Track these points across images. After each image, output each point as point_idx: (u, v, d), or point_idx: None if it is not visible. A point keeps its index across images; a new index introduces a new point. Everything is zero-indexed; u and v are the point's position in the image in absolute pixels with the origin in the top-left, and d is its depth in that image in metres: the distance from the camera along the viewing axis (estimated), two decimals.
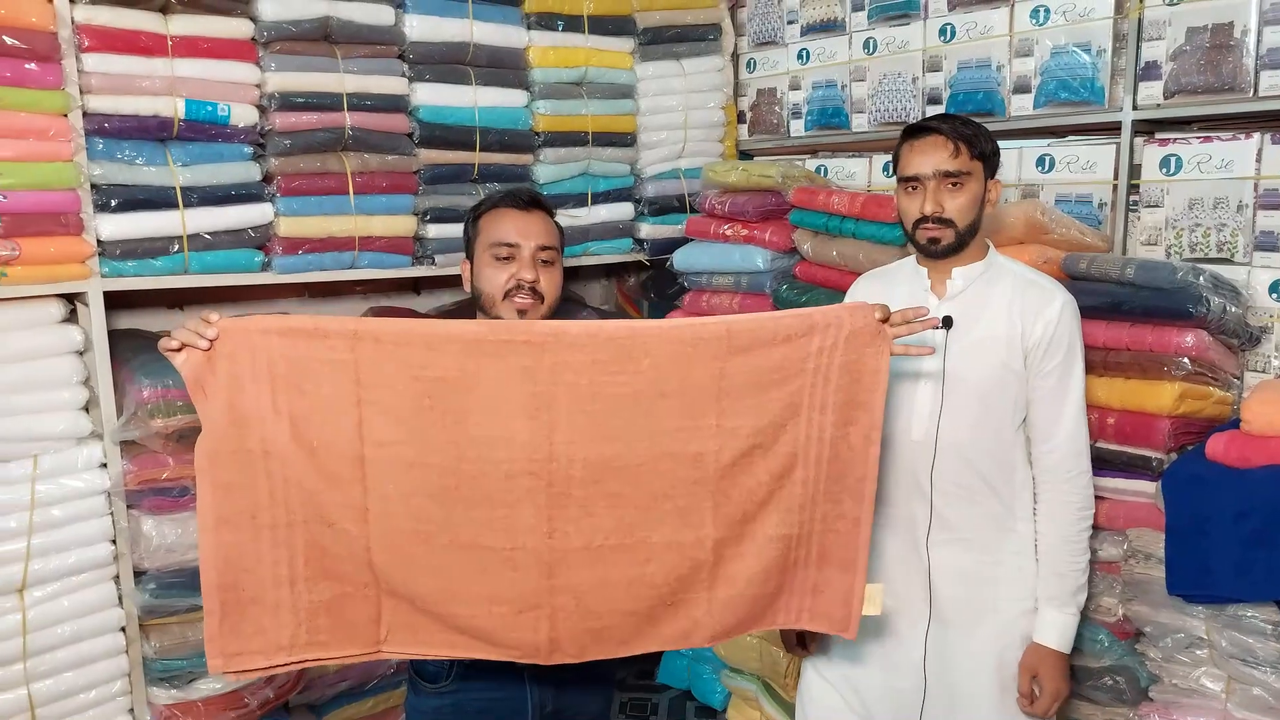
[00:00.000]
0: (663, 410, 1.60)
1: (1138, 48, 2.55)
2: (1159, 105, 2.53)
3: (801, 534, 1.71)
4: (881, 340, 1.66)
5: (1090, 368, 2.29)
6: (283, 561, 1.59)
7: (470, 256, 1.92)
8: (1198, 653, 2.11)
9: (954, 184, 1.98)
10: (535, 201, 1.89)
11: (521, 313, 1.80)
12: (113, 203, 2.45)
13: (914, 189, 2.03)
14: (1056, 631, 2.03)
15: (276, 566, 1.59)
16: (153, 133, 2.50)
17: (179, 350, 1.53)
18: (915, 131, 2.04)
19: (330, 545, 1.60)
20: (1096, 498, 2.12)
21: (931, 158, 1.99)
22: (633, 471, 1.61)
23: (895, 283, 2.14)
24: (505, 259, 1.83)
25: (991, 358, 2.01)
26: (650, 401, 1.60)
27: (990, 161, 2.04)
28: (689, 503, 1.64)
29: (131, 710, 2.61)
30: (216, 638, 1.59)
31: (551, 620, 1.64)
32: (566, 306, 3.48)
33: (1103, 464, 2.28)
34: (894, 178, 2.14)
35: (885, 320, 1.67)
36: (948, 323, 1.98)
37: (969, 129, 2.00)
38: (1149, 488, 2.20)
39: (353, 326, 1.55)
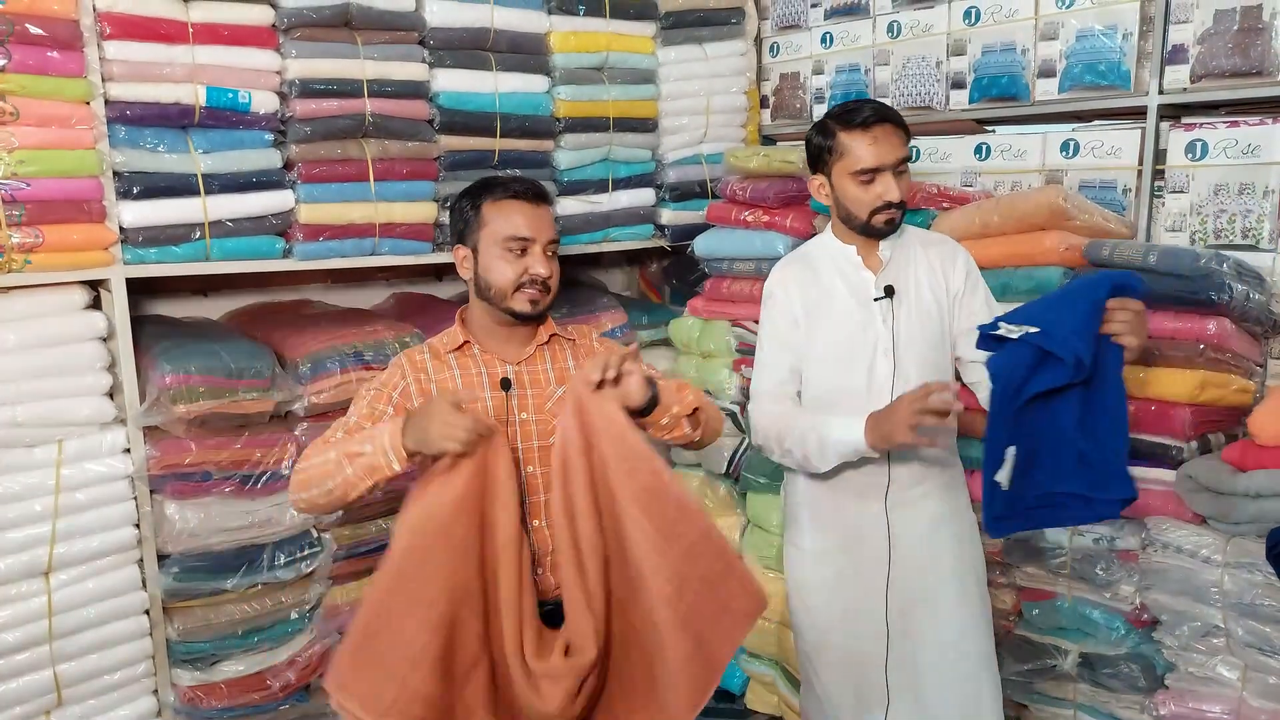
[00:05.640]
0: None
1: (1165, 30, 2.51)
2: (1185, 89, 2.49)
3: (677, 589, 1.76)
4: (600, 399, 1.75)
5: None
6: (416, 644, 1.69)
7: (468, 243, 1.94)
8: (1214, 641, 2.11)
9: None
10: (543, 195, 1.95)
11: (534, 303, 1.88)
12: (135, 190, 2.46)
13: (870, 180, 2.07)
14: None
15: (410, 646, 1.69)
16: (174, 120, 2.51)
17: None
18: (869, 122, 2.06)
19: (460, 638, 1.74)
20: None
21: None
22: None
23: (820, 267, 2.18)
24: (518, 253, 1.87)
25: (931, 311, 2.15)
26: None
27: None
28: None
29: (156, 691, 2.65)
30: (343, 664, 1.72)
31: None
32: (586, 293, 3.49)
33: None
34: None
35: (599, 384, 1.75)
36: (889, 292, 2.08)
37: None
38: (1168, 476, 2.18)
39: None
